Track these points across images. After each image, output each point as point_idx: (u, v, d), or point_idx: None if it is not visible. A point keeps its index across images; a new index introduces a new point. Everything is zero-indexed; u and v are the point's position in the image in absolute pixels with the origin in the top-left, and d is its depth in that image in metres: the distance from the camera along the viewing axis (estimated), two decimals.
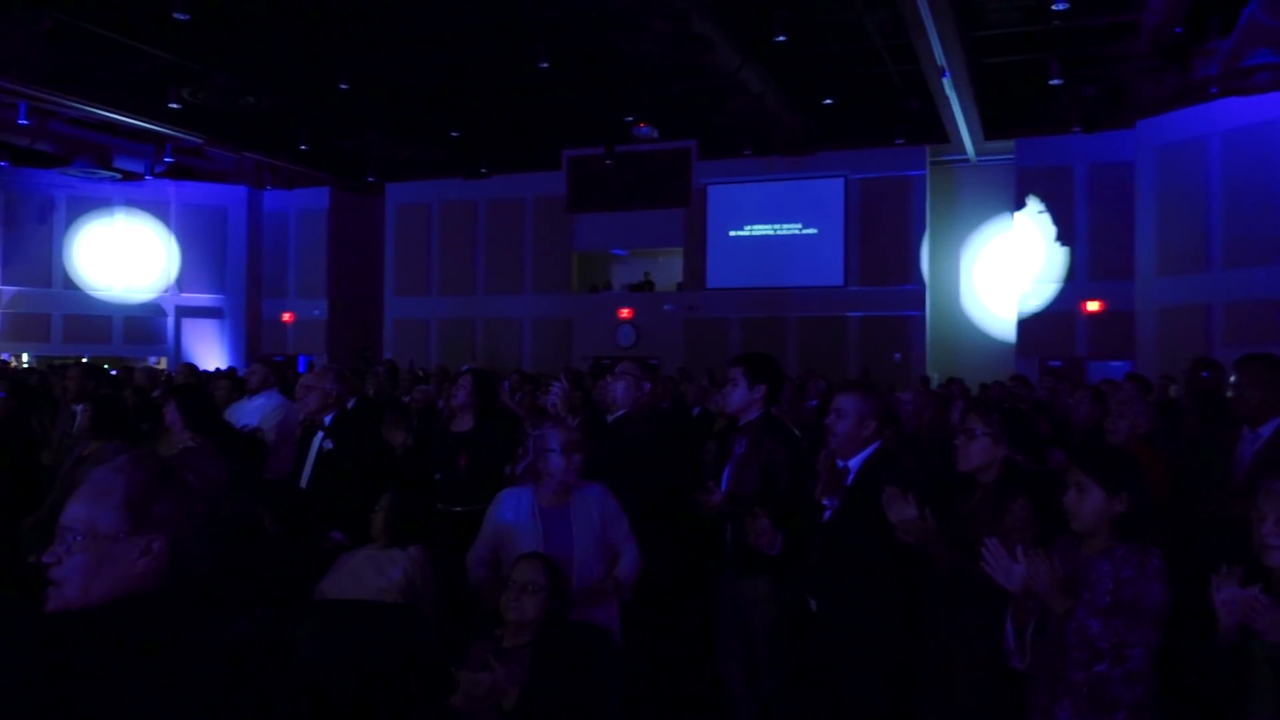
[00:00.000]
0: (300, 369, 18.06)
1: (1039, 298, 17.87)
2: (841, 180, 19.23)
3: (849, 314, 19.13)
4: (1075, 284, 17.62)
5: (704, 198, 20.17)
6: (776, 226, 19.80)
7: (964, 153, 18.47)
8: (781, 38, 12.85)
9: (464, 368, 17.74)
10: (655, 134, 17.47)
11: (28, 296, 21.10)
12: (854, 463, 3.56)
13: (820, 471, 3.59)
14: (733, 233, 20.07)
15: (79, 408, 6.72)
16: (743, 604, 3.98)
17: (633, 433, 4.96)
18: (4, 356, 19.58)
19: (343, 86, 15.28)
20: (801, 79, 15.51)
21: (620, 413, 5.18)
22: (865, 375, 15.46)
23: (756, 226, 19.94)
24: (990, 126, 17.09)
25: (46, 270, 21.29)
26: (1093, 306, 17.46)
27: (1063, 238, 17.72)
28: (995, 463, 3.38)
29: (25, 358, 20.46)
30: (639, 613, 3.90)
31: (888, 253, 18.87)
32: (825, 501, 3.57)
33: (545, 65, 13.91)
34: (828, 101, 16.19)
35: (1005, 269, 18.65)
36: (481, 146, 20.15)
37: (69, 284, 21.46)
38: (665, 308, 20.54)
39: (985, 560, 2.69)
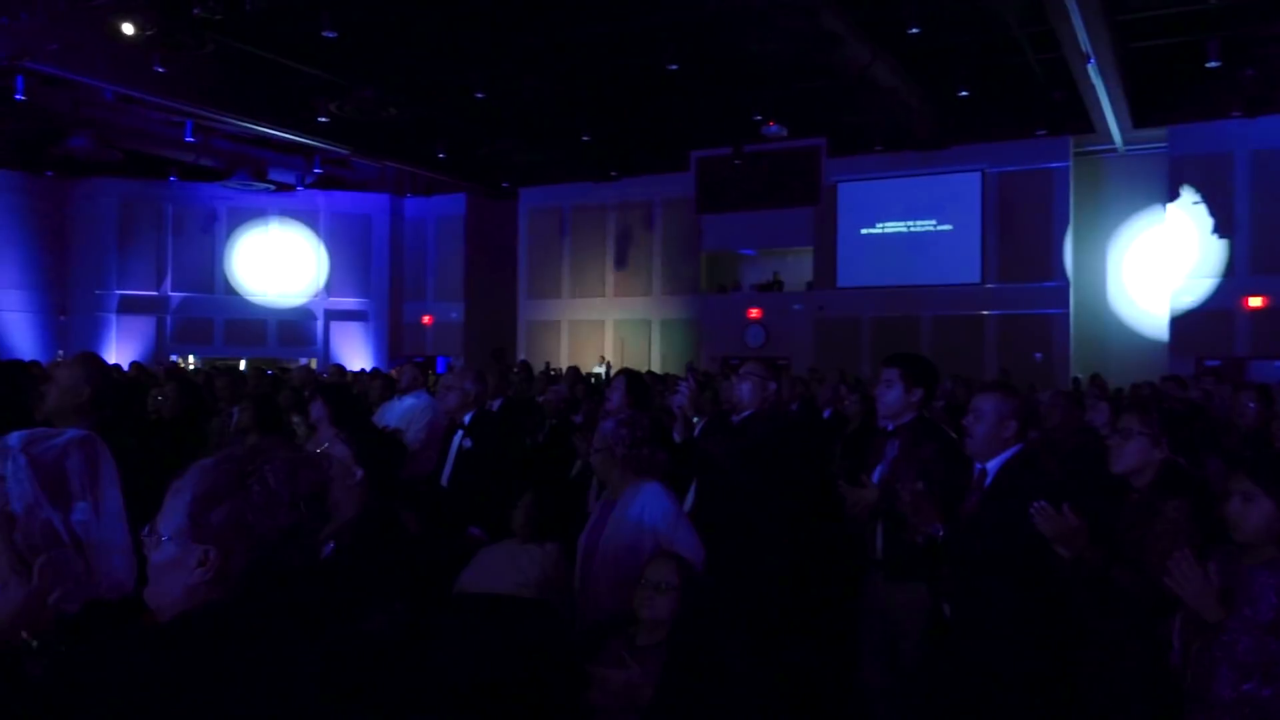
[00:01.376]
0: (440, 370, 18.72)
1: (1194, 293, 16.86)
2: (978, 174, 18.61)
3: (986, 312, 18.50)
4: (1235, 279, 16.54)
5: (834, 195, 19.87)
6: (910, 223, 19.33)
7: (1111, 142, 17.58)
8: (914, 30, 12.55)
9: (595, 368, 18.05)
10: (784, 132, 17.34)
11: (193, 302, 22.64)
12: (992, 465, 3.45)
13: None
14: (864, 230, 19.70)
15: (235, 409, 7.19)
16: (892, 611, 3.83)
17: (758, 434, 4.93)
18: (172, 358, 21.04)
19: (478, 96, 15.76)
20: (935, 72, 15.10)
21: (746, 414, 5.16)
22: (1004, 376, 14.92)
23: (889, 223, 19.52)
24: (1139, 114, 16.22)
25: (210, 277, 22.78)
26: (1255, 303, 16.35)
27: (1221, 229, 16.66)
28: (1152, 465, 3.22)
29: (191, 359, 21.91)
30: (775, 618, 3.89)
31: (1028, 248, 18.16)
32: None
33: (674, 67, 14.00)
34: (963, 94, 15.71)
35: (1157, 263, 17.66)
36: (611, 150, 20.40)
37: (229, 290, 22.90)
38: (794, 307, 20.34)
39: (1172, 572, 2.55)
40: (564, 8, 12.95)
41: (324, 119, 17.18)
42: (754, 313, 20.67)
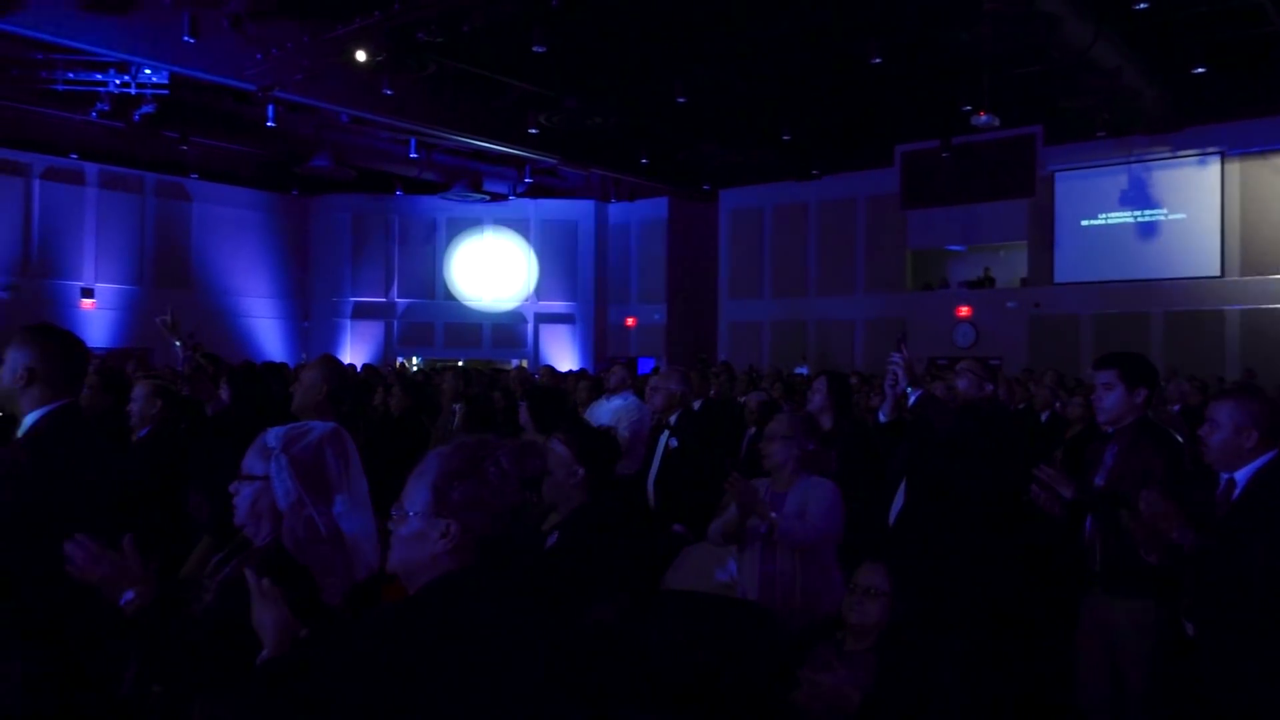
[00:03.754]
0: (640, 370, 19.14)
1: None
2: (1217, 158, 17.08)
3: (1227, 308, 16.94)
4: None
5: (1050, 186, 18.79)
6: (1137, 213, 18.00)
7: None
8: (1142, 5, 11.70)
9: (797, 369, 17.91)
10: (996, 121, 16.51)
11: (416, 307, 24.27)
12: (1241, 475, 3.18)
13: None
14: (1085, 222, 18.51)
15: (456, 406, 7.67)
16: (1113, 628, 3.59)
17: (971, 429, 4.73)
18: (398, 359, 22.64)
19: (680, 100, 16.00)
20: (1166, 49, 13.98)
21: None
22: (1249, 377, 13.63)
23: (1112, 214, 18.25)
24: None
25: (430, 284, 24.36)
26: None
27: None
28: None
29: (414, 361, 23.47)
30: (990, 628, 3.76)
31: (1276, 238, 16.49)
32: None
33: (877, 61, 13.69)
34: (1198, 71, 14.46)
35: None
36: (813, 148, 20.19)
37: (448, 295, 24.38)
38: (1007, 305, 19.39)
39: None
40: (764, 6, 12.94)
41: (534, 130, 17.95)
42: (963, 311, 19.87)
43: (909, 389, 4.30)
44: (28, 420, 2.77)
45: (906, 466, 4.43)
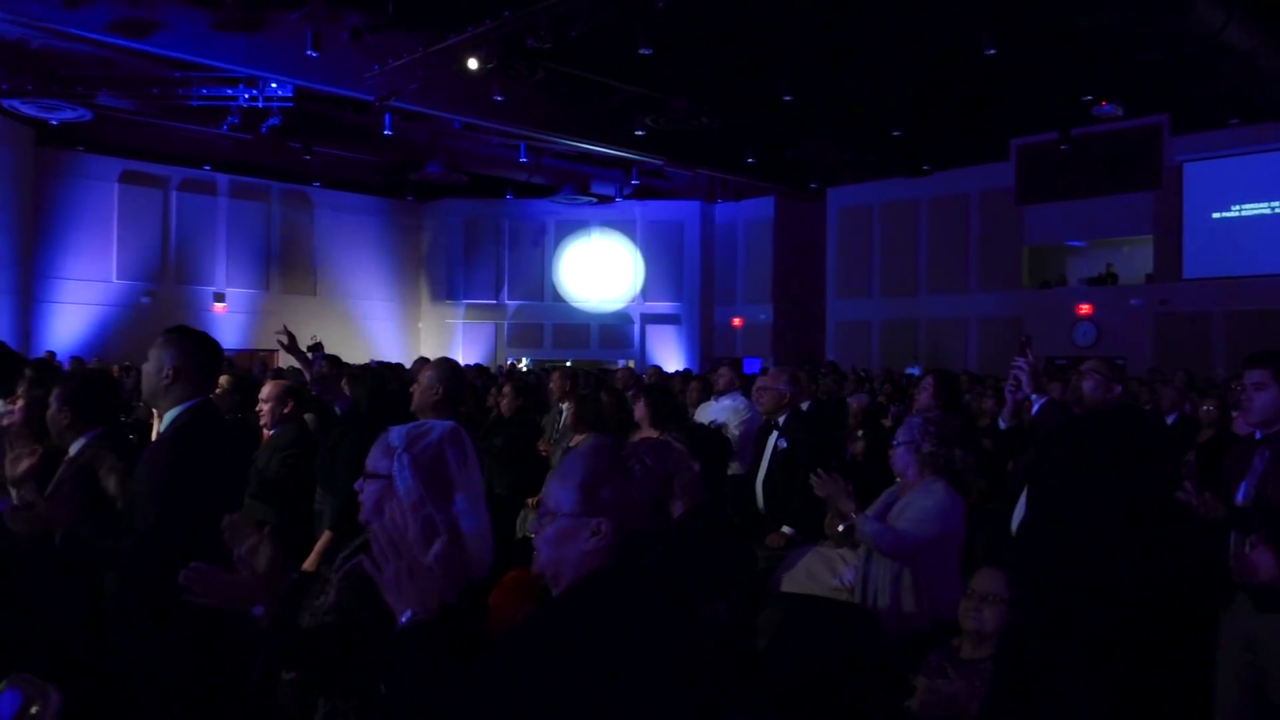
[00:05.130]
0: (745, 370, 19.04)
1: None
2: None
3: None
4: None
5: (1178, 177, 17.90)
6: (1275, 204, 16.99)
7: None
8: None
9: (907, 370, 17.54)
10: (1119, 111, 15.87)
11: (526, 309, 24.76)
12: None
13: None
14: (1216, 214, 17.58)
15: (563, 406, 7.79)
16: (1261, 646, 3.36)
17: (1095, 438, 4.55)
18: (508, 360, 23.11)
19: (786, 99, 15.86)
20: None
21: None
22: None
23: (1248, 205, 17.27)
24: None
25: (540, 286, 24.82)
26: None
27: None
28: None
29: (523, 361, 23.91)
30: (1118, 641, 3.60)
31: None
32: None
33: (992, 51, 13.29)
34: None
35: None
36: (923, 144, 19.74)
37: (556, 297, 24.79)
38: (1131, 302, 18.56)
39: None
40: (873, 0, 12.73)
41: (640, 132, 18.06)
42: (1083, 309, 19.11)
43: (1032, 395, 4.13)
44: (168, 417, 2.95)
45: (1028, 474, 4.28)
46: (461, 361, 18.57)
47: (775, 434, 5.46)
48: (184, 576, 2.03)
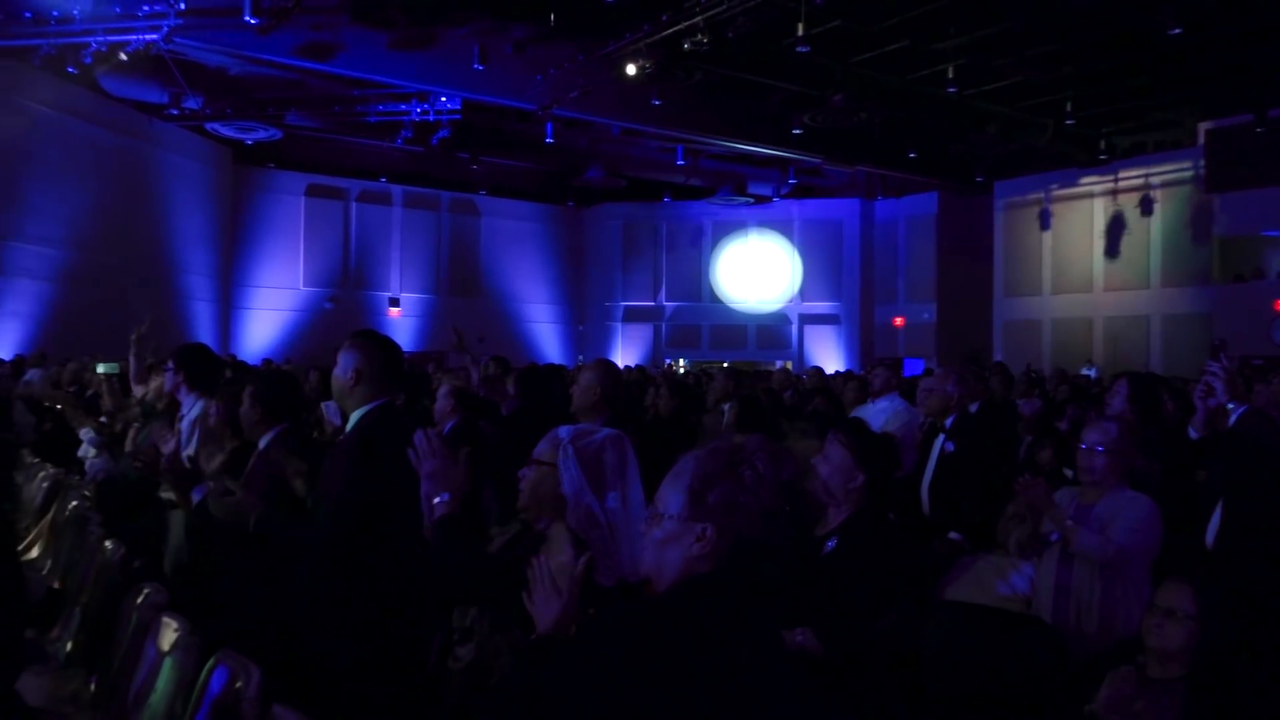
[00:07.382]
0: (906, 372, 18.53)
1: None
2: None
3: None
4: None
5: None
6: None
7: None
8: None
9: (1083, 370, 16.64)
10: None
11: (683, 310, 24.96)
12: None
13: None
14: None
15: (725, 406, 7.78)
16: None
17: None
18: (666, 361, 23.32)
19: (950, 90, 15.35)
20: None
21: None
22: None
23: None
24: None
25: (697, 287, 24.97)
26: None
27: None
28: None
29: (681, 362, 24.08)
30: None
31: None
32: None
33: (1177, 31, 12.45)
34: None
35: None
36: (1098, 131, 18.71)
37: (714, 298, 24.86)
38: None
39: None
40: None
41: (798, 131, 17.89)
42: None
43: (1229, 404, 3.80)
44: (354, 416, 3.14)
45: (1225, 486, 3.98)
46: (620, 363, 18.89)
47: (942, 437, 5.29)
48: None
